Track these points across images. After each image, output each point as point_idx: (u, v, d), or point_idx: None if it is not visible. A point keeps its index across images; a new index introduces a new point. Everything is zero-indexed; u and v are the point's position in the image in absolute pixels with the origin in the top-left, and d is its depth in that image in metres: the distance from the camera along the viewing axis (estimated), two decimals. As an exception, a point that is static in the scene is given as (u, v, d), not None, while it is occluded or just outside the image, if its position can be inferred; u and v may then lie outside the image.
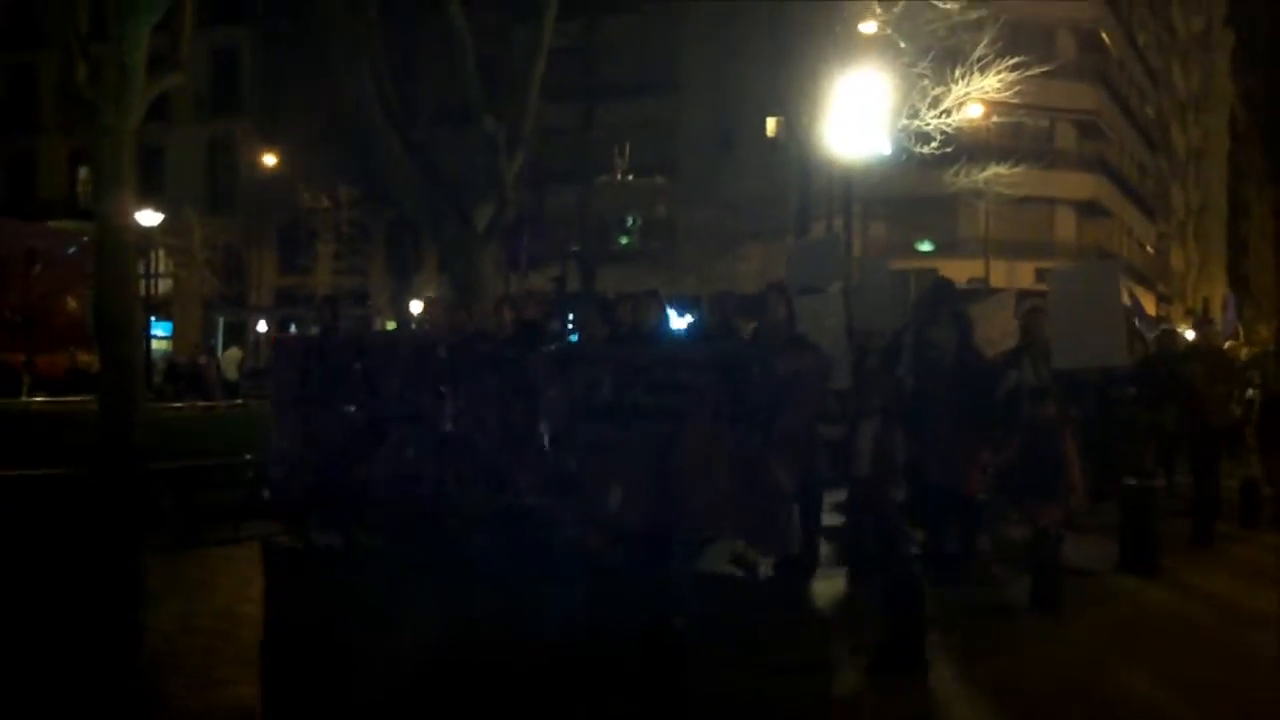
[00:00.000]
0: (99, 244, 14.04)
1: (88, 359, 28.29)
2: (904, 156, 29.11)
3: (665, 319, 10.53)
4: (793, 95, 30.99)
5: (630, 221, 47.46)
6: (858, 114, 26.21)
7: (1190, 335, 14.97)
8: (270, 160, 50.25)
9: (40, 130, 58.20)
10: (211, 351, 42.49)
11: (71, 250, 13.30)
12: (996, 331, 11.32)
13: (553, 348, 10.22)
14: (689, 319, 13.13)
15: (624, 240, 48.09)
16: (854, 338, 10.87)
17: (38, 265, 12.60)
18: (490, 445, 9.95)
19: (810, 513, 10.29)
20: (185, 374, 34.48)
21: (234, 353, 42.12)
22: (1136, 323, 17.35)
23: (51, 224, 17.16)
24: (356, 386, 10.72)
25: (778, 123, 43.77)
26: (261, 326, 53.36)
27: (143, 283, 13.26)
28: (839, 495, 11.56)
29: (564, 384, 9.61)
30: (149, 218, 32.46)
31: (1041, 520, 9.70)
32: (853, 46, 27.91)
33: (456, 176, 20.73)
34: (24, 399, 31.01)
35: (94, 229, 14.52)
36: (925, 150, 28.15)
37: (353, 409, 10.71)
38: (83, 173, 58.37)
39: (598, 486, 9.35)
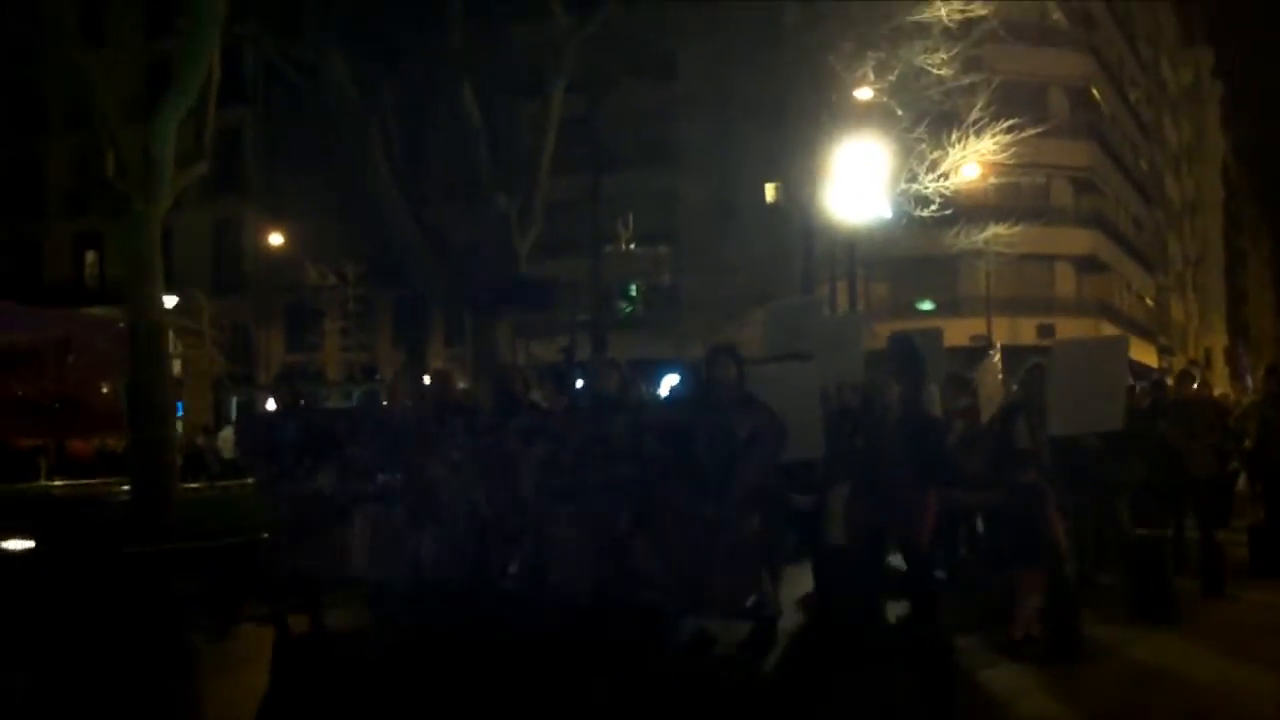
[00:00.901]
0: (132, 330, 14.46)
1: (115, 442, 28.62)
2: (904, 220, 29.60)
3: (630, 386, 10.66)
4: (791, 161, 31.50)
5: (634, 290, 47.95)
6: (857, 179, 26.80)
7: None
8: (276, 239, 50.81)
9: (46, 216, 58.79)
10: (207, 432, 42.83)
11: (104, 337, 13.63)
12: (993, 390, 11.27)
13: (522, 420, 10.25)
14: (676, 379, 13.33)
15: (627, 308, 48.54)
16: (826, 403, 10.80)
17: (72, 353, 12.94)
18: (460, 520, 10.15)
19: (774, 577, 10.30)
20: (186, 455, 34.84)
21: (227, 432, 42.36)
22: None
23: (84, 311, 17.57)
24: (321, 462, 10.87)
25: (776, 188, 44.44)
26: (270, 405, 53.68)
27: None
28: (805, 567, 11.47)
29: (530, 456, 9.85)
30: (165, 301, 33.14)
31: (1025, 586, 9.57)
32: (849, 113, 28.51)
33: (467, 252, 21.22)
34: (44, 483, 31.40)
35: (126, 315, 14.93)
36: (925, 214, 28.65)
37: (319, 485, 10.85)
38: (89, 258, 59.06)
39: (564, 561, 9.55)
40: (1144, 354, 52.64)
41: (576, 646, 9.15)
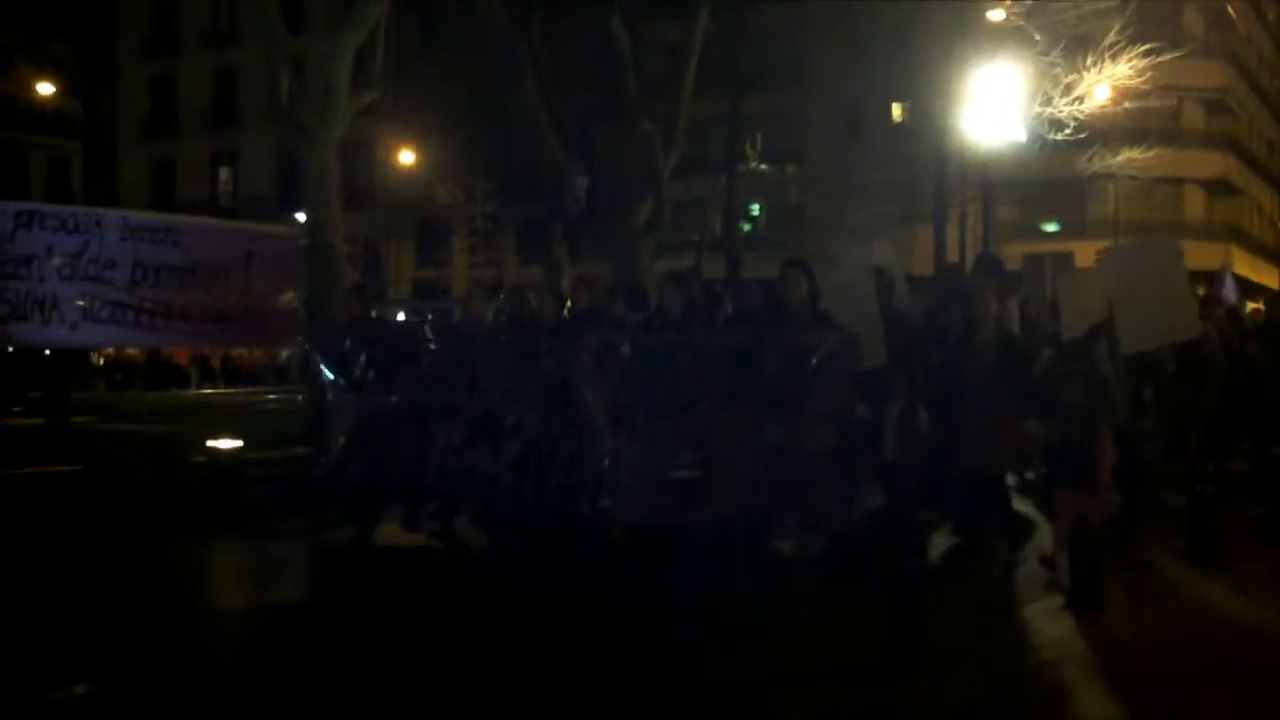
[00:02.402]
0: (310, 246, 15.33)
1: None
2: (1038, 143, 29.61)
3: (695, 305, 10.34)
4: (922, 83, 31.64)
5: (757, 210, 48.35)
6: (991, 102, 26.88)
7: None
8: (407, 158, 51.81)
9: (180, 133, 60.55)
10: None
11: (284, 253, 14.46)
12: (1092, 305, 9.98)
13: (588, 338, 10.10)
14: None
15: (746, 228, 48.97)
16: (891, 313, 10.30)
17: (254, 267, 13.77)
18: (529, 435, 10.07)
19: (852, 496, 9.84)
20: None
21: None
22: (1225, 293, 15.57)
23: (267, 227, 18.54)
24: (394, 375, 10.99)
25: (904, 108, 44.46)
26: (400, 318, 55.07)
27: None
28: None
29: (598, 375, 9.69)
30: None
31: (1066, 510, 8.99)
32: (983, 34, 28.49)
33: (611, 172, 21.91)
34: (193, 391, 32.97)
35: (305, 232, 15.81)
36: (1059, 137, 28.66)
37: (393, 398, 10.96)
38: (223, 174, 60.77)
39: (627, 482, 9.40)
40: (1272, 279, 51.85)
41: (639, 569, 8.97)
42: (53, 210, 12.95)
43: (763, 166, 39.63)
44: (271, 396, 33.39)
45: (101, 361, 40.43)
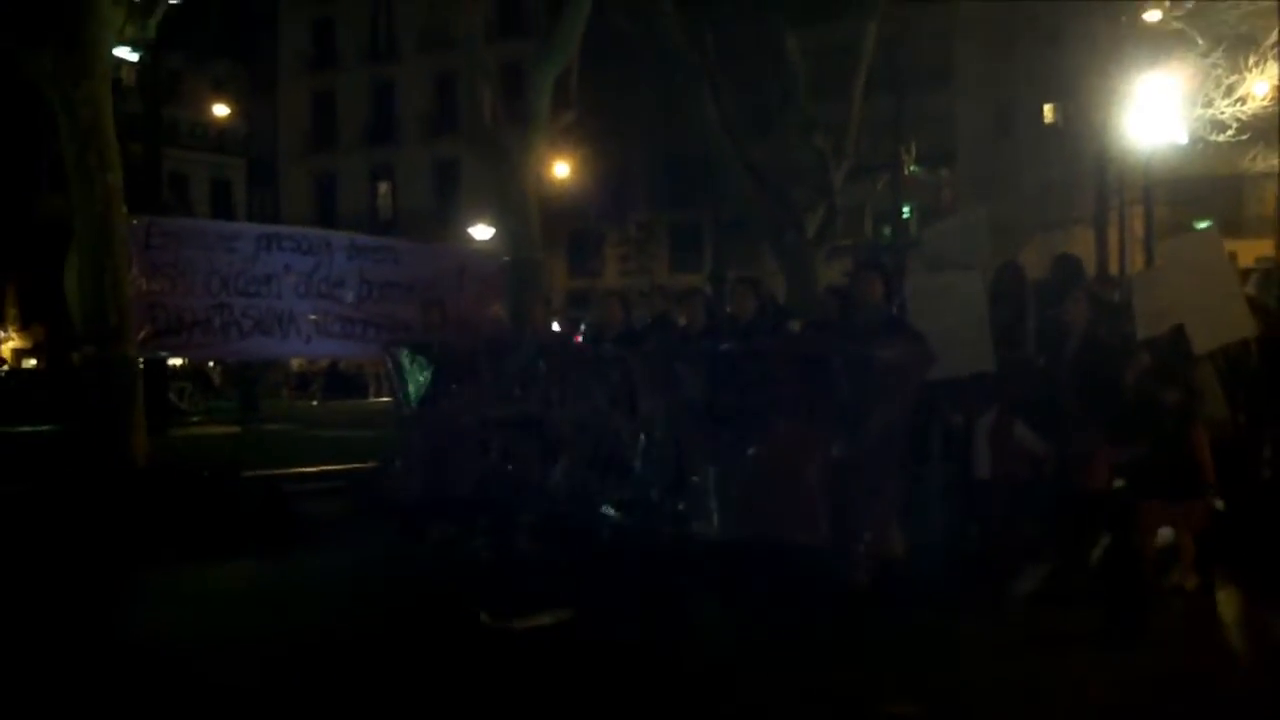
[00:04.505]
0: (515, 264, 16.33)
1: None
2: (1198, 144, 29.60)
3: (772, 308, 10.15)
4: (1078, 84, 31.72)
5: (908, 212, 48.50)
6: (1151, 104, 27.01)
7: None
8: (561, 169, 52.98)
9: (340, 149, 62.46)
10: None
11: (490, 269, 15.46)
12: (1166, 304, 9.42)
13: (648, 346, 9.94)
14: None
15: (887, 230, 49.12)
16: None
17: (466, 282, 14.76)
18: (589, 444, 9.89)
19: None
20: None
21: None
22: None
23: (474, 246, 19.76)
24: (459, 387, 11.28)
25: (1055, 109, 44.39)
26: (555, 327, 56.25)
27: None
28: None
29: (659, 383, 9.40)
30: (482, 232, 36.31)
31: (1154, 523, 8.26)
32: (1140, 36, 28.59)
33: (784, 183, 22.59)
34: (371, 400, 34.37)
35: (509, 249, 16.81)
36: (1221, 139, 28.65)
37: (454, 411, 11.19)
38: (381, 188, 62.55)
39: (691, 495, 9.03)
40: None
41: (704, 588, 8.69)
42: (289, 232, 14.00)
43: (914, 168, 39.77)
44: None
45: (297, 369, 42.23)
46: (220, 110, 55.06)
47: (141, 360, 12.71)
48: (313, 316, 13.66)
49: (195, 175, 63.77)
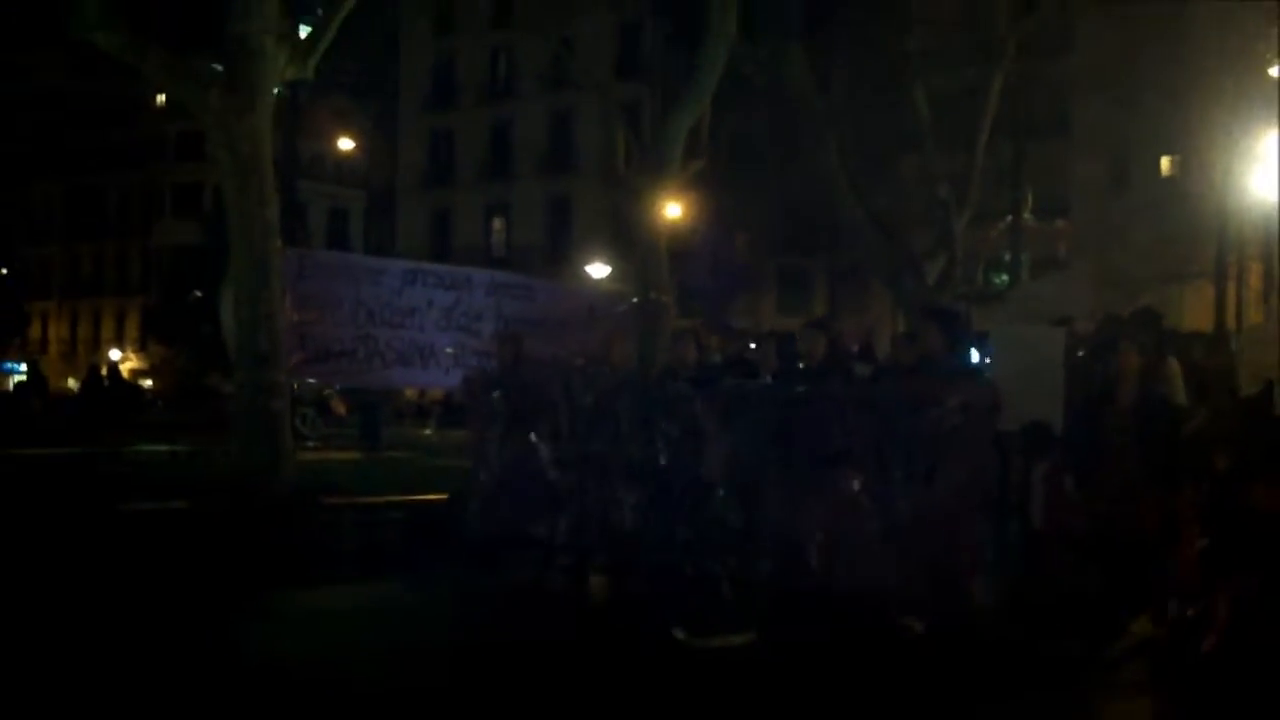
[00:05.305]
0: (642, 305, 16.70)
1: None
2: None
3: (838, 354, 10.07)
4: (1196, 137, 31.52)
5: (1010, 260, 48.34)
6: (1274, 157, 26.85)
7: None
8: (674, 211, 53.51)
9: (457, 185, 63.56)
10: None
11: (619, 308, 15.87)
12: (1270, 360, 9.48)
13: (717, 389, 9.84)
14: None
15: (1004, 277, 48.97)
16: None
17: (595, 321, 15.18)
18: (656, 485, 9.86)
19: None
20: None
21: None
22: None
23: (604, 287, 20.36)
24: (533, 424, 11.10)
25: (1173, 162, 44.12)
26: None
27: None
28: None
29: (725, 426, 9.34)
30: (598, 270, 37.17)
31: (1229, 590, 7.99)
32: (1264, 89, 28.44)
33: (905, 230, 22.86)
34: (427, 431, 35.14)
35: (637, 290, 17.23)
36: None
37: (527, 448, 11.02)
38: (496, 224, 63.41)
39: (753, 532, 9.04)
40: None
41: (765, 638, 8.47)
42: (432, 269, 14.52)
43: (1029, 217, 39.73)
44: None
45: (412, 399, 43.08)
46: (345, 144, 56.21)
47: (295, 385, 13.17)
48: (450, 349, 14.06)
49: (315, 205, 65.24)
